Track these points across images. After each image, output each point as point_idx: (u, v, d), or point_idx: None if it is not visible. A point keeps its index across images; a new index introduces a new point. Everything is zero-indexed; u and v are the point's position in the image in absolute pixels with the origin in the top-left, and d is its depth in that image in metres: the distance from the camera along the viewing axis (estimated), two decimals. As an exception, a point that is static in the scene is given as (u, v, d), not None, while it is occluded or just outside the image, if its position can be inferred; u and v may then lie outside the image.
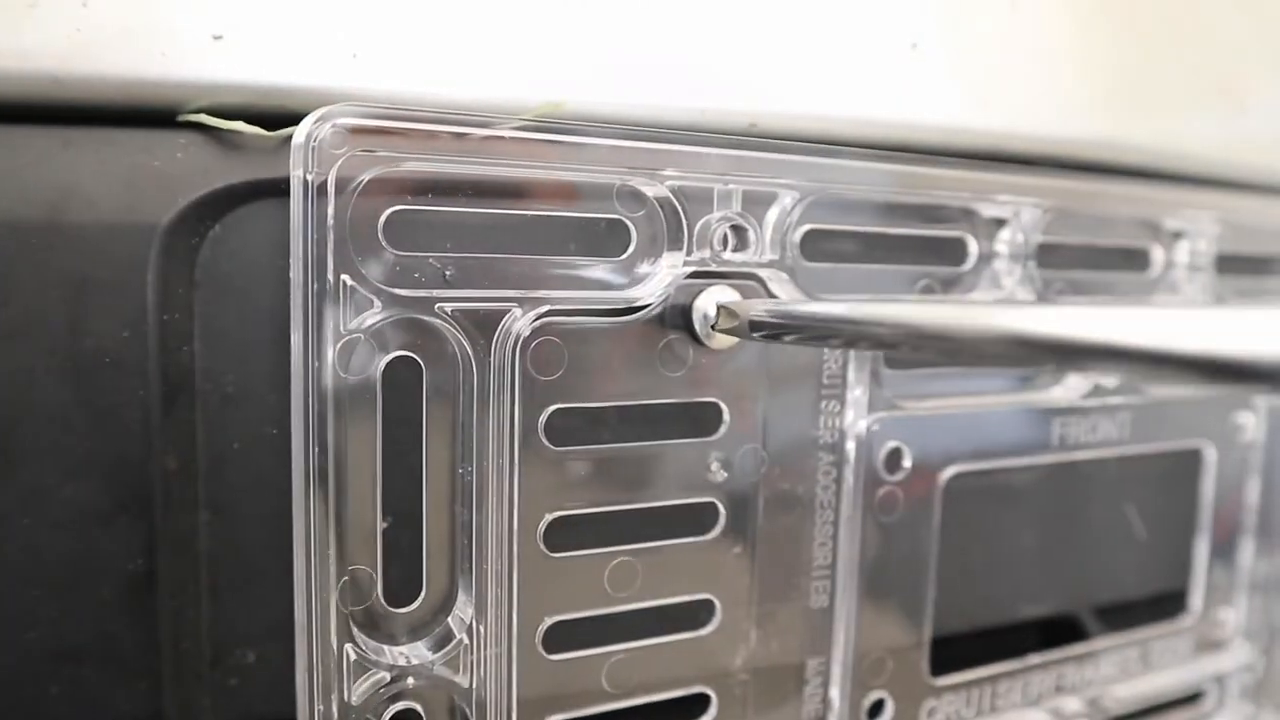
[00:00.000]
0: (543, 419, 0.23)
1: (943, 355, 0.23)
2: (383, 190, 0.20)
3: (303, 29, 0.21)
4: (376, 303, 0.20)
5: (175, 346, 0.21)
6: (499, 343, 0.22)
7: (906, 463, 0.27)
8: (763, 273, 0.25)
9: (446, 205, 0.21)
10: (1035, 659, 0.31)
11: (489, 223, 0.22)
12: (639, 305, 0.23)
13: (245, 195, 0.22)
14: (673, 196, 0.23)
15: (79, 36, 0.20)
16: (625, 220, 0.23)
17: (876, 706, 0.28)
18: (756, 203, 0.24)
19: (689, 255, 0.24)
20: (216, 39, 0.21)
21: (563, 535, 0.23)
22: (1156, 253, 0.32)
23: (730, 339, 0.24)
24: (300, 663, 0.21)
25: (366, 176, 0.20)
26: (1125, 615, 0.34)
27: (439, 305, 0.21)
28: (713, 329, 0.24)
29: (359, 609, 0.21)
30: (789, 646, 0.27)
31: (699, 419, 0.25)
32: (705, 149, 0.23)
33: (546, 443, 0.23)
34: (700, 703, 0.26)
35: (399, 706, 0.22)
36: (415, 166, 0.21)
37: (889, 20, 0.27)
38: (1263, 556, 0.36)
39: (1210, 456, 0.34)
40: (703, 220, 0.24)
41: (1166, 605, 0.35)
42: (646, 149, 0.23)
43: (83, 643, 0.21)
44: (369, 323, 0.20)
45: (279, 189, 0.22)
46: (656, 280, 0.23)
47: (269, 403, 0.22)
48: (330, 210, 0.20)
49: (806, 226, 0.25)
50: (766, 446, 0.25)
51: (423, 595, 0.22)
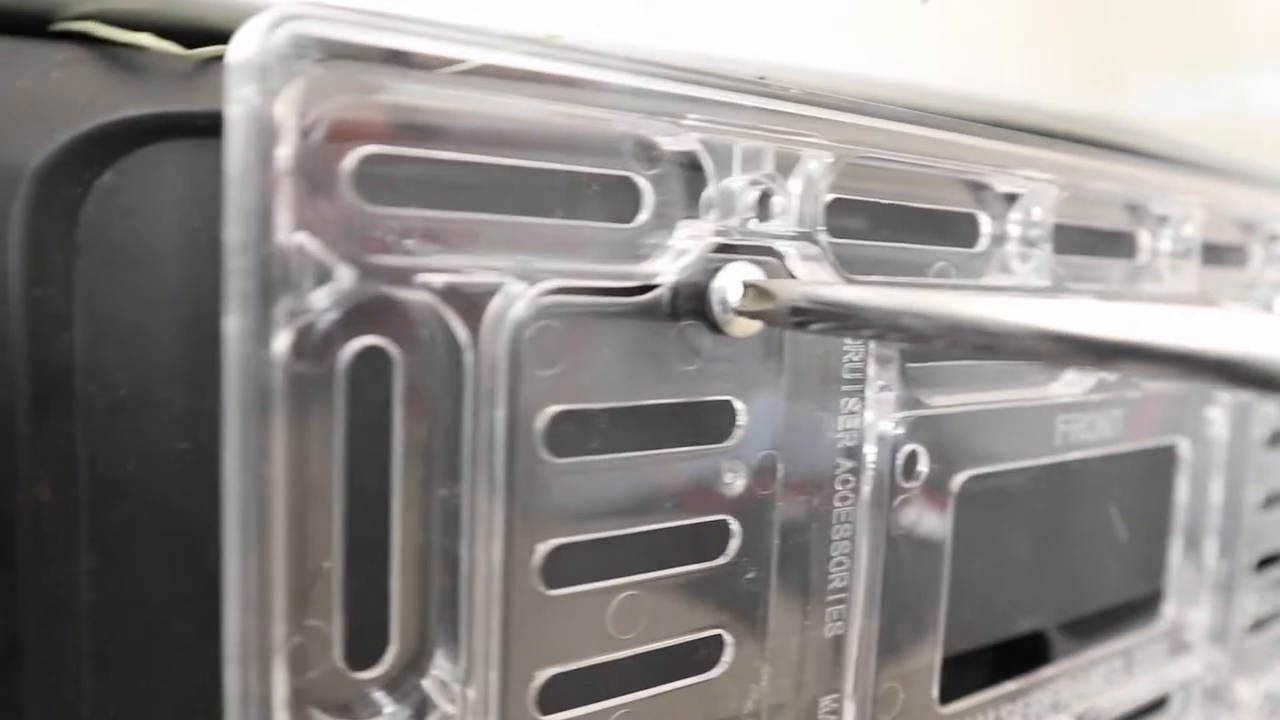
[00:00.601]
0: (542, 423, 0.18)
1: (982, 351, 0.20)
2: (354, 127, 0.15)
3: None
4: (341, 271, 0.16)
5: (48, 333, 0.16)
6: (490, 326, 0.17)
7: (923, 467, 0.24)
8: (786, 247, 0.21)
9: (434, 150, 0.16)
10: (1032, 678, 0.29)
11: (479, 179, 0.18)
12: (653, 283, 0.19)
13: (148, 133, 0.17)
14: (702, 149, 0.19)
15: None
16: (640, 179, 0.19)
17: (886, 744, 0.25)
18: (784, 165, 0.21)
19: (718, 224, 0.19)
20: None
21: (562, 567, 0.19)
22: (1143, 238, 0.31)
23: (752, 325, 0.20)
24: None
25: (333, 106, 0.15)
26: (1104, 623, 0.32)
27: (419, 276, 0.16)
28: (736, 313, 0.20)
29: (314, 676, 0.16)
30: (802, 683, 0.23)
31: (711, 421, 0.21)
32: (739, 96, 0.19)
33: (547, 453, 0.18)
34: (707, 756, 0.22)
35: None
36: (397, 97, 0.16)
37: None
38: (1225, 556, 0.35)
39: (1185, 453, 0.33)
40: (725, 183, 0.20)
41: (1141, 610, 0.33)
42: (678, 95, 0.18)
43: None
44: (332, 299, 0.16)
45: (194, 126, 0.17)
46: (674, 253, 0.19)
47: (176, 409, 0.17)
48: (286, 150, 0.15)
49: (830, 196, 0.22)
50: (782, 452, 0.22)
51: (392, 652, 0.17)
